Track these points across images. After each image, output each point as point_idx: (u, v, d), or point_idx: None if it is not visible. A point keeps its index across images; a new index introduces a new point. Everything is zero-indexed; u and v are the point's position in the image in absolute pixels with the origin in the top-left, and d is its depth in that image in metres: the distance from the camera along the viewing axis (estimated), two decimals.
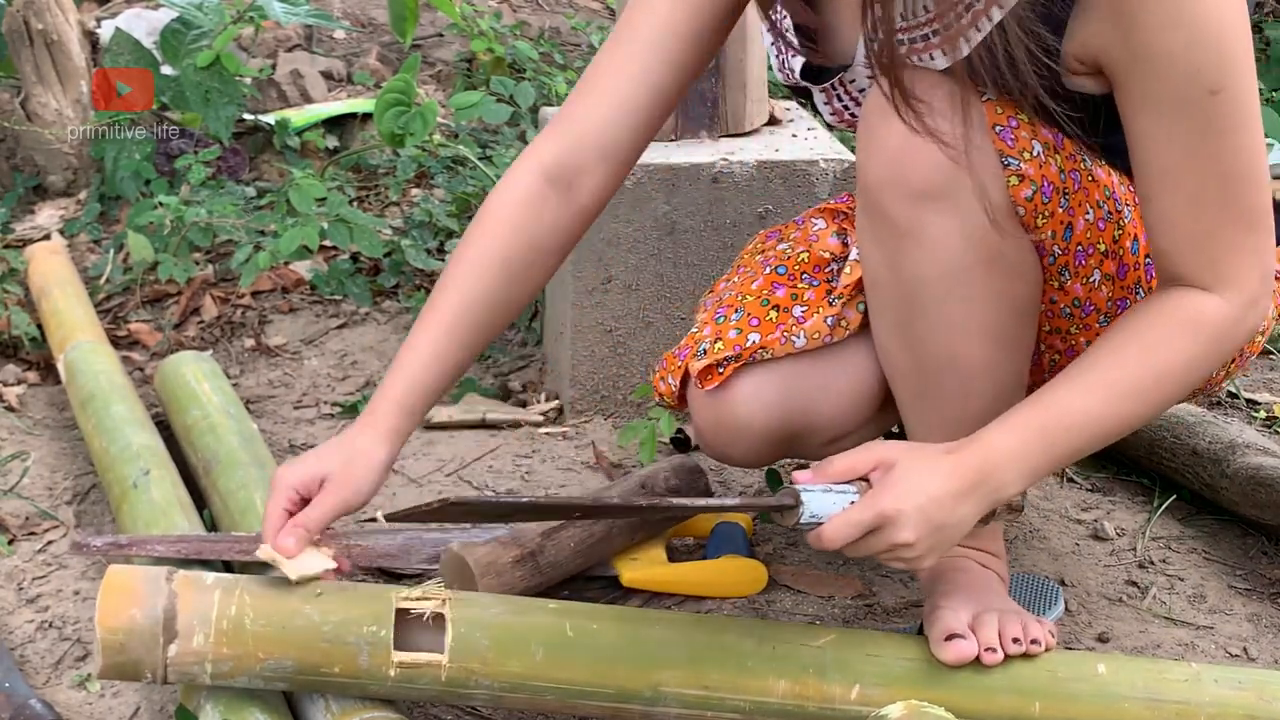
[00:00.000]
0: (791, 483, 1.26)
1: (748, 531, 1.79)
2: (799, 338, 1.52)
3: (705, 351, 1.52)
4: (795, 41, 1.43)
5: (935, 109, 1.29)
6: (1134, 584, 1.77)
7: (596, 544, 1.66)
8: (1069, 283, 1.40)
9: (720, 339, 1.52)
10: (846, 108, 1.50)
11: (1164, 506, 1.92)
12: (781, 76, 1.44)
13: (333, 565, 1.32)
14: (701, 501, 1.30)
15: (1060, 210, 1.34)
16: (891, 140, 1.30)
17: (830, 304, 1.53)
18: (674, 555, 1.75)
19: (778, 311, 1.54)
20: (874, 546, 1.25)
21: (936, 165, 1.30)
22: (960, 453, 1.26)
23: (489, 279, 1.39)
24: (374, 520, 1.31)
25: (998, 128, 1.31)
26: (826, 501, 1.24)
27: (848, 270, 1.54)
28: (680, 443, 2.08)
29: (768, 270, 1.59)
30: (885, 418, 1.61)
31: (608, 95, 1.41)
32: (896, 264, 1.36)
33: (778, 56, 1.43)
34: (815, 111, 1.47)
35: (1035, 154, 1.32)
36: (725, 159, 2.04)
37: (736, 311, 1.55)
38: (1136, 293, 1.44)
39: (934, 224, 1.32)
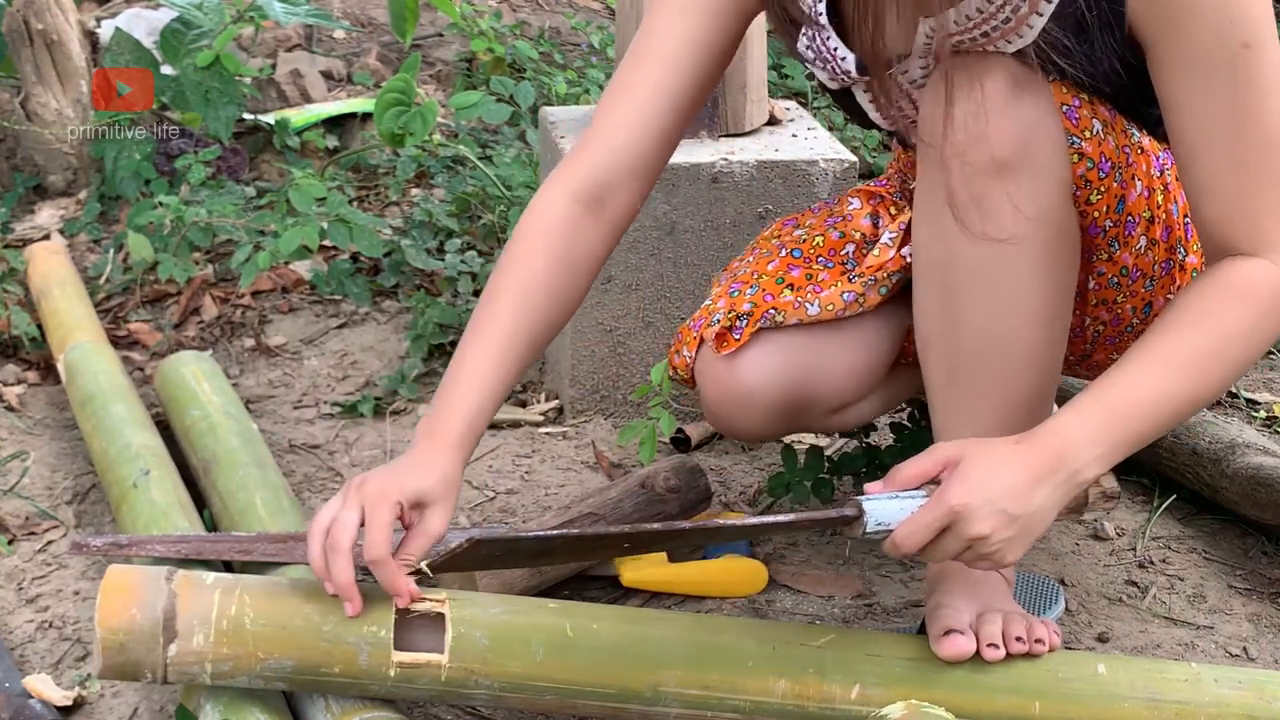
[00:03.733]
0: (861, 493, 1.25)
1: None
2: (813, 305, 1.55)
3: (719, 321, 1.56)
4: (837, 44, 1.43)
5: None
6: (1134, 584, 1.77)
7: None
8: (1118, 253, 1.43)
9: (734, 309, 1.56)
10: (894, 102, 1.49)
11: (1164, 506, 1.92)
12: (832, 83, 1.46)
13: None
14: (754, 520, 1.25)
15: (1115, 185, 1.37)
16: (968, 112, 1.31)
17: (850, 280, 1.56)
18: (674, 556, 1.75)
19: (792, 290, 1.57)
20: (950, 547, 1.23)
21: (1014, 137, 1.31)
22: (1031, 441, 1.25)
23: (535, 303, 1.39)
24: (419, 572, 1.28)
25: (1064, 107, 1.33)
26: (893, 508, 1.23)
27: (876, 252, 1.58)
28: (680, 442, 2.08)
29: (784, 253, 1.63)
30: (890, 390, 1.65)
31: (632, 112, 1.43)
32: (955, 235, 1.36)
33: (825, 65, 1.43)
34: (853, 116, 1.49)
35: (1095, 132, 1.34)
36: (725, 159, 2.04)
37: (751, 287, 1.59)
38: (1178, 251, 1.46)
39: (1003, 198, 1.32)
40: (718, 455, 2.07)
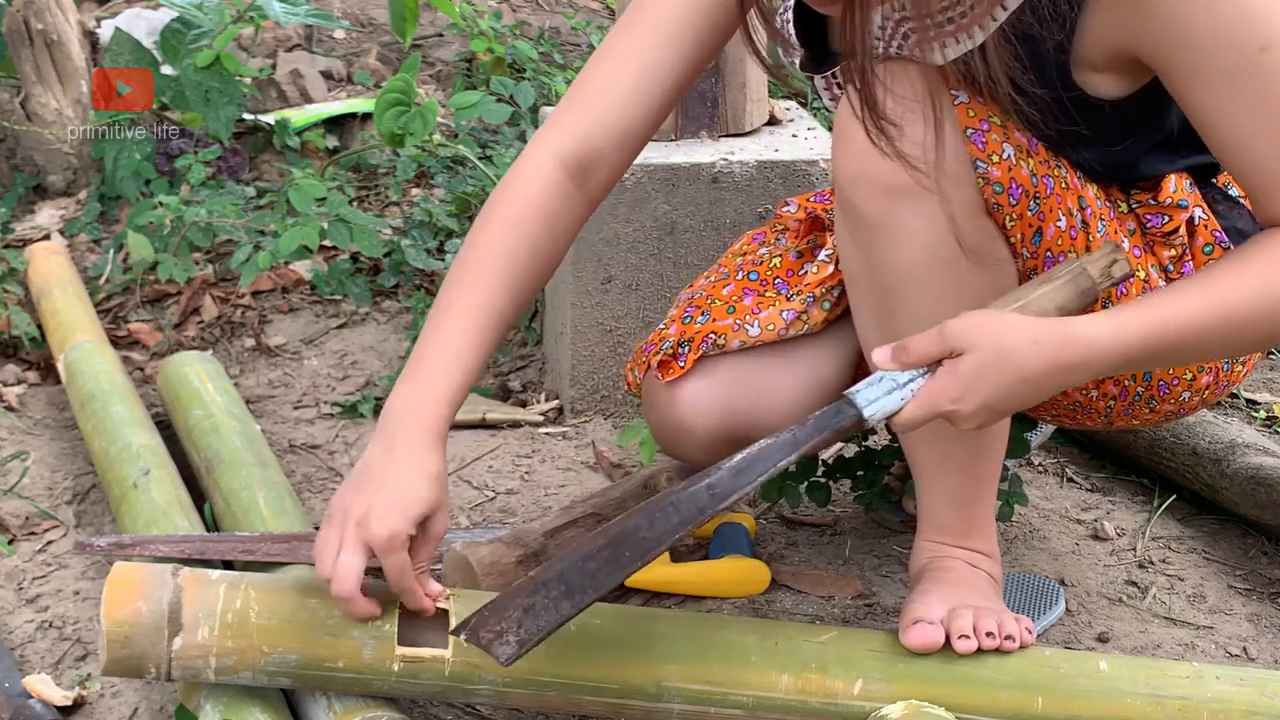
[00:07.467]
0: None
1: (750, 532, 1.79)
2: (753, 326, 1.55)
3: (667, 348, 1.56)
4: (793, 35, 1.43)
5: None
6: (1134, 584, 1.77)
7: None
8: None
9: (683, 335, 1.56)
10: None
11: (1164, 506, 1.92)
12: (790, 65, 1.46)
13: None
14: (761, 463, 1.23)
15: (1030, 214, 1.34)
16: (861, 137, 1.29)
17: (788, 299, 1.56)
18: (677, 555, 1.75)
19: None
20: (928, 348, 1.21)
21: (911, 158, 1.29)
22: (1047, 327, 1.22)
23: (518, 275, 1.36)
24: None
25: (969, 131, 1.31)
26: (880, 389, 1.23)
27: (814, 269, 1.57)
28: None
29: (740, 275, 1.63)
30: None
31: (622, 83, 1.39)
32: (872, 258, 1.36)
33: (790, 52, 1.43)
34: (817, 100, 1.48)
35: (1005, 156, 1.32)
36: (725, 159, 2.05)
37: (703, 314, 1.59)
38: (1105, 306, 1.41)
39: (905, 218, 1.32)
40: None
